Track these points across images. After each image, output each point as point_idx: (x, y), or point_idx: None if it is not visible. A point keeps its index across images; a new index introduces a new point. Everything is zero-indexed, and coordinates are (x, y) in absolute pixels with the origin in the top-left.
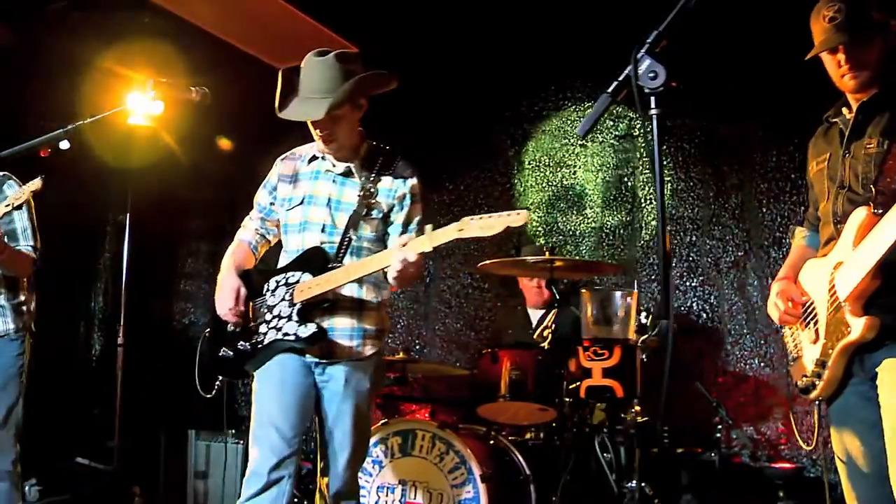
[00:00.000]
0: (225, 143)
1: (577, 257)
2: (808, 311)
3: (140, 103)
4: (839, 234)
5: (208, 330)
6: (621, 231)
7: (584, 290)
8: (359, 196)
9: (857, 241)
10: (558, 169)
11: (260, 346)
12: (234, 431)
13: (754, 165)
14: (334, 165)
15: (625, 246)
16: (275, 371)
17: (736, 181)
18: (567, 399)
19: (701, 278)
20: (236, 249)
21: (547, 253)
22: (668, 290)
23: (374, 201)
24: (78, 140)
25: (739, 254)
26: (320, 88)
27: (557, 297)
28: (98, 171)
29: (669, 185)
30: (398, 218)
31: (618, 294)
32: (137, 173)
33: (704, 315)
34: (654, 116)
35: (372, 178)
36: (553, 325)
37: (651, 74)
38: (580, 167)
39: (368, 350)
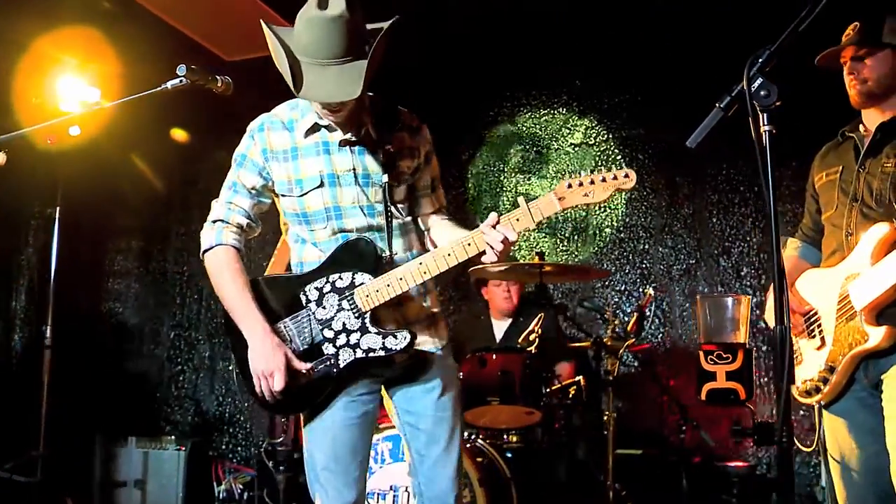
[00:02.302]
0: (180, 135)
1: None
2: (812, 319)
3: (73, 89)
4: (849, 245)
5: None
6: (576, 237)
7: (697, 297)
8: (384, 164)
9: (876, 255)
10: (512, 174)
11: (335, 373)
12: (174, 437)
13: (706, 177)
14: (346, 133)
15: (578, 251)
16: (338, 400)
17: (688, 192)
18: (554, 401)
19: (654, 285)
20: (232, 264)
21: (537, 258)
22: (783, 296)
23: (400, 167)
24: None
25: (691, 262)
26: (336, 52)
27: (553, 300)
28: (24, 158)
29: (624, 194)
30: (426, 175)
31: (730, 300)
32: (68, 163)
33: (657, 320)
34: (767, 133)
35: (390, 140)
36: (539, 330)
37: (764, 92)
38: (535, 174)
39: (445, 338)
